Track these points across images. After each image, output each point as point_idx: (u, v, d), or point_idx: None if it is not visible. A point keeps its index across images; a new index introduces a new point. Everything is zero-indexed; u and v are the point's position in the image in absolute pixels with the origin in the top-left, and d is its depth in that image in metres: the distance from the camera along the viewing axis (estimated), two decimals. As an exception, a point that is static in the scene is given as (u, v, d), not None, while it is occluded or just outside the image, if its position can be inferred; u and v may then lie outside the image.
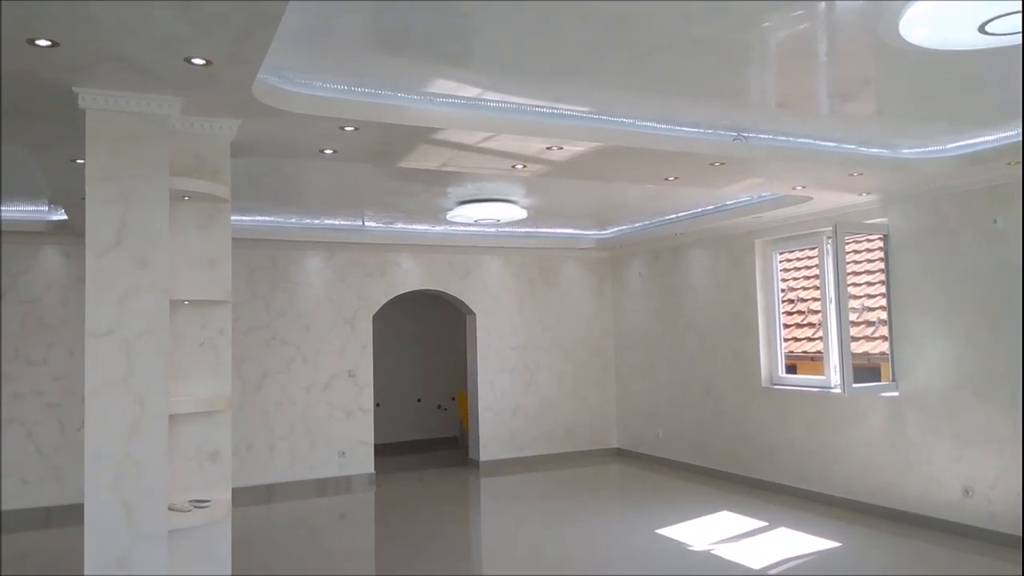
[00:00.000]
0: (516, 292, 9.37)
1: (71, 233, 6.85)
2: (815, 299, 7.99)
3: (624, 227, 8.82)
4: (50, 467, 7.04)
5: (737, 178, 5.45)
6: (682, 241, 8.58)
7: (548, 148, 4.42)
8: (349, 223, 7.97)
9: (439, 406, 11.21)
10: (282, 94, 3.51)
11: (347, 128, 3.84)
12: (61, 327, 7.15)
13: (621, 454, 9.62)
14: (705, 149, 4.61)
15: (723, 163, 4.87)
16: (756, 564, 5.18)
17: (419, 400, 11.08)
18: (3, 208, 6.60)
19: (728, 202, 7.11)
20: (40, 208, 6.66)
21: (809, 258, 8.30)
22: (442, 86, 3.75)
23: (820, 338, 7.40)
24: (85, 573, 3.04)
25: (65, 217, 6.57)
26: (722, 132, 4.61)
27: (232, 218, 3.77)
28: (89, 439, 3.08)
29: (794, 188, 5.86)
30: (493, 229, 8.51)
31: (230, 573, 3.56)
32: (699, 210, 7.55)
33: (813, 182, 5.63)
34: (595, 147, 4.43)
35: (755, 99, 4.21)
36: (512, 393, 9.23)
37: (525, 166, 4.86)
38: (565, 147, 4.41)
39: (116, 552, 3.07)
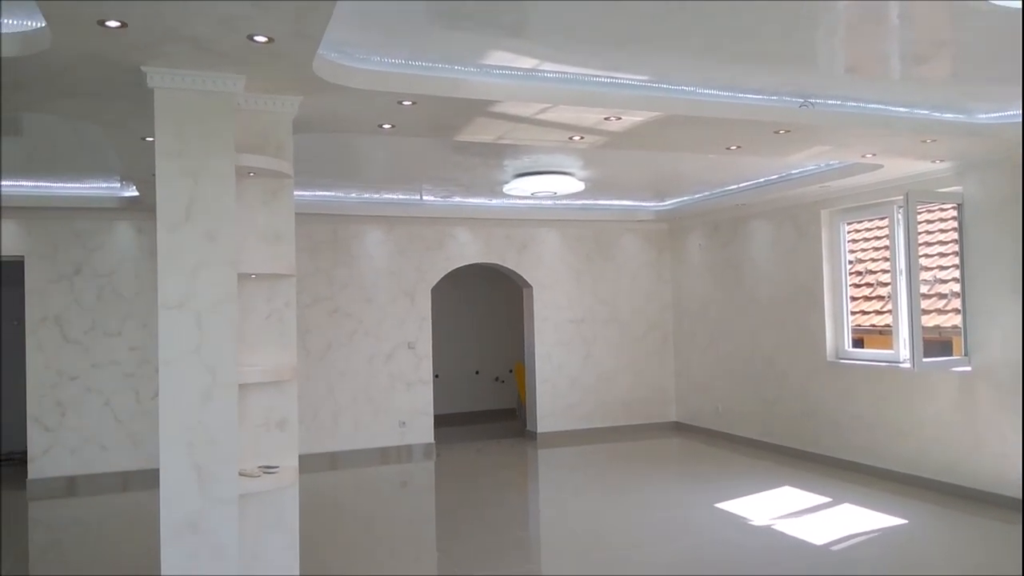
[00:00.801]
0: (573, 265, 9.34)
1: (143, 209, 7.11)
2: (884, 271, 7.72)
3: (684, 198, 8.67)
4: (127, 434, 7.39)
5: (803, 146, 5.29)
6: (744, 212, 8.39)
7: (606, 119, 4.36)
8: (408, 197, 8.05)
9: (496, 378, 11.31)
10: (342, 70, 3.55)
11: (404, 103, 3.85)
12: (135, 300, 7.46)
13: (679, 428, 9.56)
14: (769, 116, 4.48)
15: (788, 131, 4.73)
16: (818, 539, 5.11)
17: (477, 372, 11.20)
18: (79, 185, 6.88)
19: (793, 171, 6.91)
20: (113, 185, 6.92)
21: (879, 228, 8.01)
22: (499, 58, 3.73)
23: (889, 311, 7.17)
24: (161, 534, 3.19)
25: (137, 193, 6.81)
26: (787, 99, 4.46)
27: (295, 193, 3.84)
28: (163, 407, 3.21)
29: (863, 156, 5.65)
30: (550, 202, 8.47)
31: (298, 537, 3.69)
32: (762, 180, 7.36)
33: (884, 149, 5.42)
34: (654, 117, 4.35)
35: (823, 64, 4.06)
36: (569, 366, 9.24)
37: (582, 137, 4.81)
38: (623, 117, 4.34)
39: (189, 515, 3.21)
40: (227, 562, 3.25)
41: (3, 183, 6.64)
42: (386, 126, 4.31)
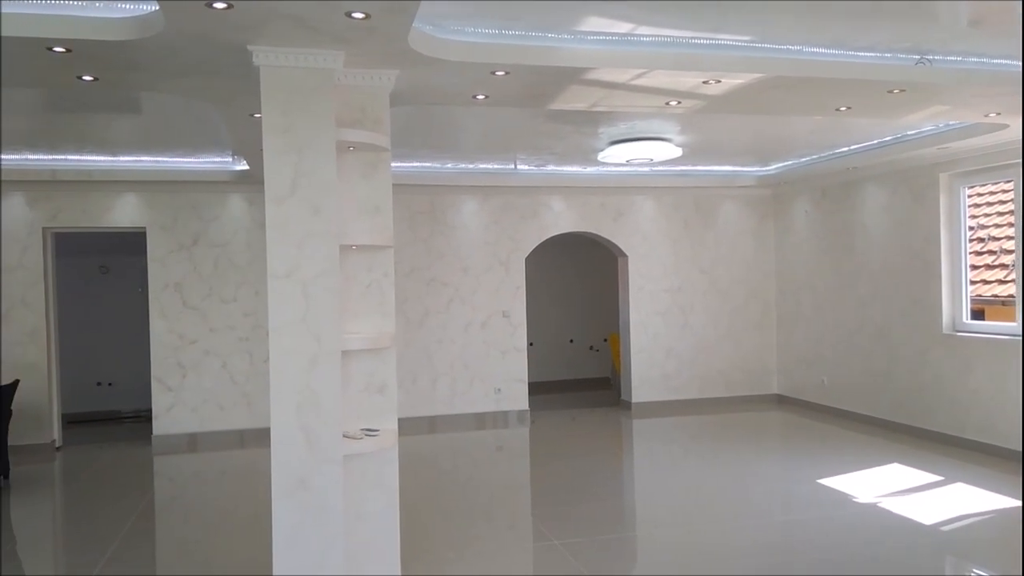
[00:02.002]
0: (670, 233, 9.16)
1: (253, 182, 7.45)
2: (1009, 238, 7.18)
3: (789, 162, 8.31)
4: (242, 394, 7.86)
5: (919, 106, 4.96)
6: (854, 176, 7.97)
7: (705, 82, 4.22)
8: (502, 167, 8.08)
9: (591, 347, 11.31)
10: (436, 42, 3.58)
11: (498, 73, 3.85)
12: (248, 268, 7.87)
13: (782, 400, 9.29)
14: (882, 75, 4.22)
15: (903, 90, 4.44)
16: (927, 519, 4.88)
17: (571, 341, 11.22)
18: (194, 160, 7.28)
19: (909, 132, 6.49)
20: (225, 159, 7.28)
21: (1004, 192, 7.44)
22: (593, 24, 3.67)
23: (1012, 281, 6.69)
24: (272, 490, 3.39)
25: (247, 167, 7.14)
26: (902, 56, 4.18)
27: (393, 165, 3.93)
28: (274, 371, 3.39)
29: (986, 115, 5.24)
30: (646, 168, 8.30)
31: (397, 497, 3.85)
32: (875, 142, 6.96)
33: (1009, 108, 5.01)
34: (757, 79, 4.18)
35: (943, 17, 3.78)
36: (665, 335, 9.12)
37: (680, 102, 4.68)
38: (723, 80, 4.19)
39: (299, 473, 3.40)
40: (333, 518, 3.43)
41: (124, 159, 7.13)
42: (480, 96, 4.33)
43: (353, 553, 3.67)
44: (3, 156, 6.81)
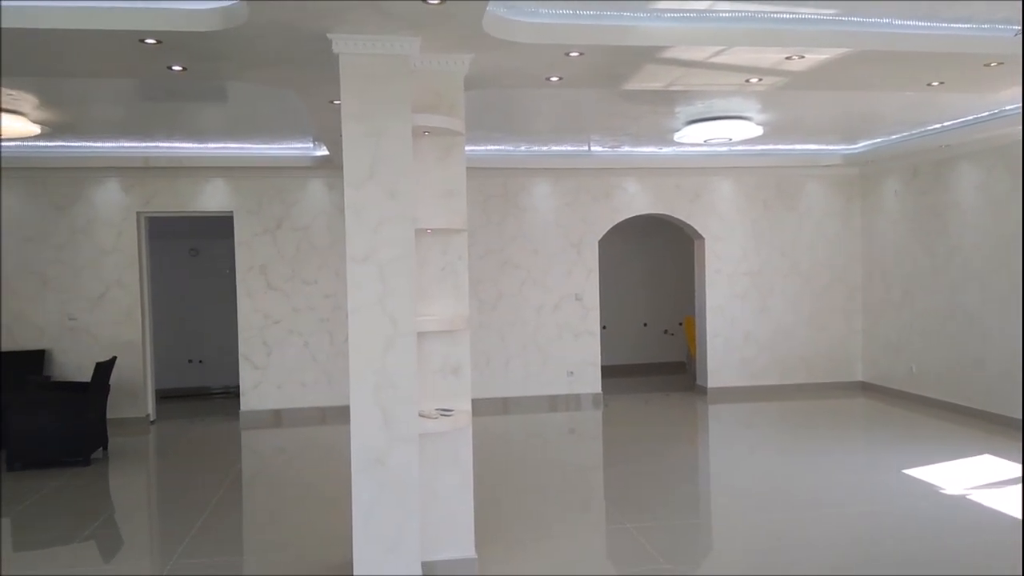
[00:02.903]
0: (749, 214, 8.92)
1: (333, 167, 7.65)
2: (1121, 218, 6.71)
3: (877, 140, 7.96)
4: (323, 372, 8.12)
5: (1018, 80, 4.66)
6: (948, 154, 7.57)
7: (787, 58, 4.09)
8: (575, 148, 8.04)
9: (665, 331, 11.17)
10: (510, 25, 3.58)
11: (572, 54, 3.83)
12: (328, 251, 8.10)
13: (866, 388, 8.97)
14: (978, 48, 3.99)
15: (1000, 63, 4.19)
16: (1019, 513, 4.64)
17: (645, 324, 11.11)
18: (277, 146, 7.52)
19: (1007, 107, 6.12)
20: (307, 145, 7.50)
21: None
22: (669, 1, 3.59)
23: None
24: (352, 465, 3.51)
25: (327, 152, 7.33)
26: (1000, 27, 3.94)
27: (466, 148, 3.96)
28: (352, 352, 3.50)
29: (1098, 86, 4.89)
30: (724, 148, 8.11)
31: (471, 476, 3.92)
32: (970, 118, 6.60)
33: (1125, 77, 4.66)
34: (842, 54, 4.02)
35: (1049, -19, 3.54)
36: (743, 320, 8.92)
37: (761, 79, 4.54)
38: (807, 55, 4.04)
39: (376, 450, 3.50)
40: (409, 494, 3.52)
41: (212, 146, 7.43)
42: (554, 78, 4.31)
43: (429, 530, 3.76)
44: (100, 144, 7.21)
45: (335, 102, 4.58)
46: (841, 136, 7.86)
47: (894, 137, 7.68)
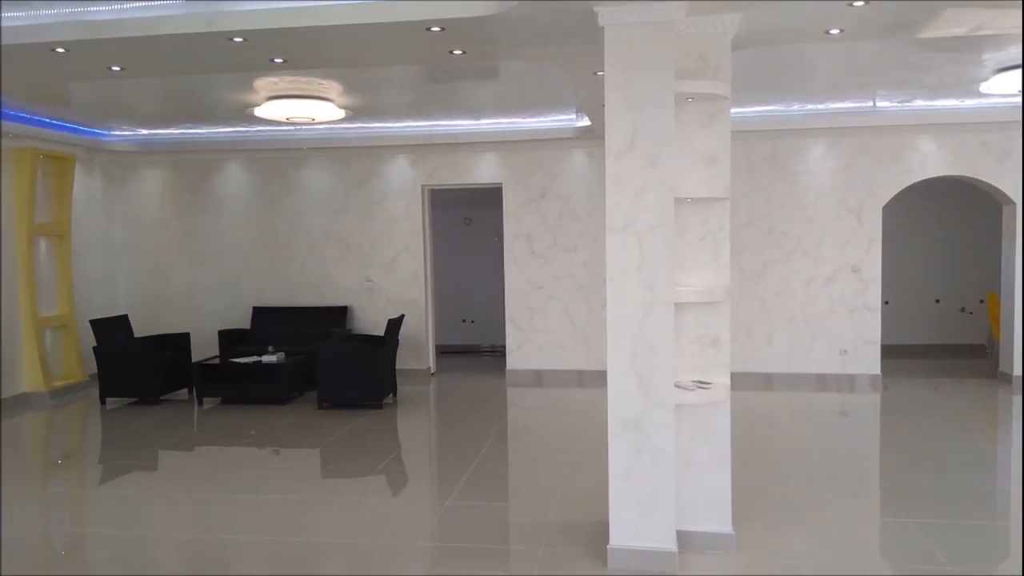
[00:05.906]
0: (1079, 174, 7.51)
1: (594, 137, 7.79)
2: None
3: None
4: (581, 336, 8.40)
5: None
6: None
7: None
8: (857, 105, 7.34)
9: (962, 308, 9.85)
10: (783, -23, 3.36)
11: (856, 3, 3.49)
12: (588, 219, 8.31)
13: None
14: None
15: None
16: None
17: (937, 301, 9.89)
18: (542, 119, 7.84)
19: None
20: (569, 116, 7.72)
21: None
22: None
23: None
24: (609, 428, 3.61)
25: (589, 123, 7.48)
26: None
27: (731, 111, 3.81)
28: (610, 318, 3.58)
29: None
30: (1047, 97, 6.87)
31: (729, 451, 3.83)
32: None
33: None
34: None
35: None
36: (1065, 299, 7.58)
37: (1101, 13, 3.78)
38: None
39: (632, 415, 3.57)
40: (664, 462, 3.55)
41: (485, 122, 7.94)
42: (834, 31, 3.97)
43: (684, 499, 3.76)
44: (392, 124, 8.06)
45: (598, 73, 4.65)
46: None
47: None
